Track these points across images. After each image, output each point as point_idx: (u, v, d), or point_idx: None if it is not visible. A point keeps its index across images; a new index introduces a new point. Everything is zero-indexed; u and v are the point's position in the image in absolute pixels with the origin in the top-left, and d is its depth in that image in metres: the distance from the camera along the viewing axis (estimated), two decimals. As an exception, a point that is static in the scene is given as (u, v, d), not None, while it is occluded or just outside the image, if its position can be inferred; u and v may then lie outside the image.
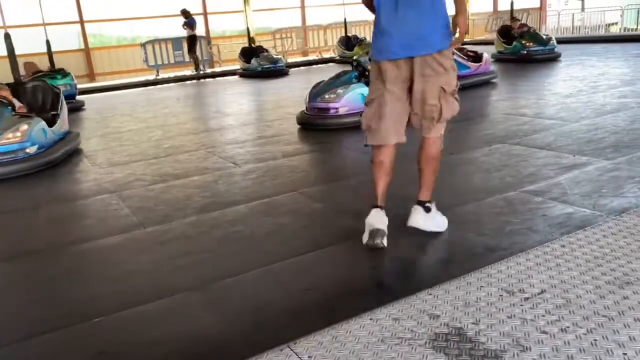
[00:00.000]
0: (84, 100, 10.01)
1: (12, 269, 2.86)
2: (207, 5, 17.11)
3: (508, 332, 1.64)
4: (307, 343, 1.68)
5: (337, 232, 2.92)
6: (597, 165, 3.64)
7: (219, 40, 16.90)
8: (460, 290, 1.92)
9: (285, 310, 2.17)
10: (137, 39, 16.15)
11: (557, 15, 18.07)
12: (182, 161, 4.90)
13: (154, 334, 2.09)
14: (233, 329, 2.07)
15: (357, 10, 18.15)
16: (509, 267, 2.06)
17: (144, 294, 2.39)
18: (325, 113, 5.78)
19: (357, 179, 3.98)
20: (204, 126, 6.87)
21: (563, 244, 2.23)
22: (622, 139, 4.26)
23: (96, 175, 4.64)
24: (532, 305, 1.78)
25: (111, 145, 5.97)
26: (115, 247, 3.00)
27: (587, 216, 2.81)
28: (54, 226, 3.47)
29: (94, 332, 2.13)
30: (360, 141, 5.29)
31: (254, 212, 3.38)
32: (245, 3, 15.48)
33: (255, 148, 5.27)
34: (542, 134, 4.71)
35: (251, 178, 4.16)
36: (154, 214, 3.50)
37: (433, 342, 1.63)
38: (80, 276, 2.69)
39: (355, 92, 5.74)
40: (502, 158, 4.06)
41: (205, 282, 2.47)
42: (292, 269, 2.54)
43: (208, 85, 12.48)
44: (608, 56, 10.34)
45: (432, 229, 2.73)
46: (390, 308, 1.84)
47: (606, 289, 1.84)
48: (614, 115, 5.17)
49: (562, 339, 1.59)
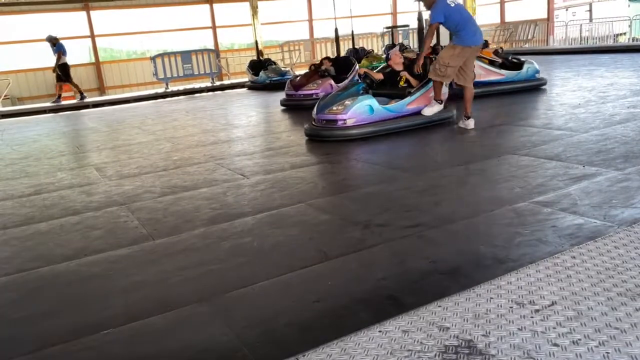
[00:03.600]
0: (95, 112, 10.08)
1: (23, 280, 2.88)
2: (215, 18, 17.31)
3: (519, 345, 1.63)
4: (315, 355, 1.68)
5: (345, 244, 2.91)
6: (607, 176, 3.62)
7: (227, 53, 17.07)
8: (469, 302, 1.90)
9: (294, 322, 2.16)
10: (146, 52, 16.36)
11: (565, 26, 18.06)
12: (191, 173, 4.93)
13: (163, 346, 2.09)
14: (241, 341, 2.06)
15: (364, 22, 18.33)
16: (519, 278, 2.04)
17: (152, 305, 2.40)
18: (332, 125, 5.79)
19: (364, 190, 3.98)
20: (213, 138, 6.92)
21: (574, 255, 2.21)
22: (632, 149, 4.23)
23: (106, 187, 4.68)
24: (543, 317, 1.76)
25: (121, 157, 6.02)
26: (125, 259, 3.01)
27: (598, 227, 2.78)
28: (65, 238, 3.49)
29: (103, 345, 2.14)
30: (367, 152, 5.34)
31: (262, 224, 3.39)
32: (253, 16, 15.65)
33: (264, 160, 5.29)
34: (551, 144, 4.69)
35: (259, 190, 4.17)
36: (163, 225, 3.52)
37: (443, 355, 1.62)
38: (89, 288, 2.70)
39: (362, 104, 5.74)
40: (511, 169, 4.04)
41: (213, 293, 2.47)
42: (300, 280, 2.53)
43: (217, 98, 12.58)
44: (617, 66, 10.30)
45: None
46: (399, 320, 1.83)
47: (618, 300, 1.82)
48: (623, 125, 5.14)
49: (574, 351, 1.57)
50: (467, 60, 5.61)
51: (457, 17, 5.50)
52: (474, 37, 5.53)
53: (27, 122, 10.76)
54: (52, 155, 6.56)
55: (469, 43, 5.50)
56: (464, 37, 5.49)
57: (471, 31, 5.52)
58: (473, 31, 5.53)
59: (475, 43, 5.55)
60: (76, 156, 6.34)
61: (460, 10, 5.57)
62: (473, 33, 5.53)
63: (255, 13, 15.77)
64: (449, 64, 5.55)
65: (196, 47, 16.19)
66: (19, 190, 4.87)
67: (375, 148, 5.43)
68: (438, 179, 4.10)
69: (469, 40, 5.50)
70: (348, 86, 6.32)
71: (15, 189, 4.91)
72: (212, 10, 17.22)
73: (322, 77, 9.13)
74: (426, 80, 6.04)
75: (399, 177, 4.20)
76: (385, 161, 4.98)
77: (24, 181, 5.23)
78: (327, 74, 9.25)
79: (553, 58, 13.61)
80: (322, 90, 8.63)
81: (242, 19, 16.93)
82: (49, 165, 5.89)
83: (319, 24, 18.98)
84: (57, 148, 7.06)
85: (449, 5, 5.48)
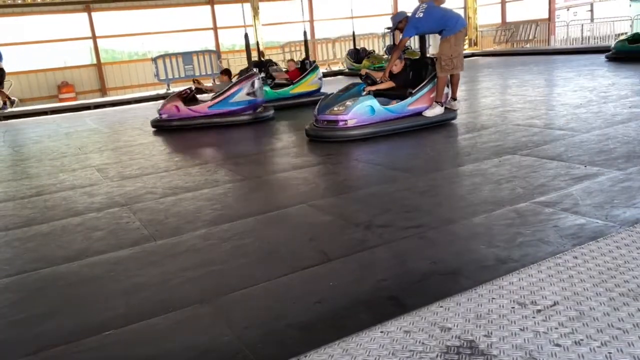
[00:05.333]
0: (97, 114, 10.09)
1: (24, 281, 2.88)
2: (217, 20, 17.33)
3: (520, 345, 1.62)
4: (317, 356, 1.67)
5: (346, 244, 2.91)
6: (608, 176, 3.61)
7: (228, 54, 17.08)
8: (471, 302, 1.90)
9: (295, 323, 2.16)
10: (147, 54, 16.37)
11: (566, 26, 18.04)
12: (192, 174, 4.93)
13: (164, 347, 2.09)
14: (242, 342, 2.06)
15: (365, 23, 18.33)
16: (521, 278, 2.04)
17: (154, 306, 2.40)
18: (334, 125, 5.78)
19: (365, 191, 3.98)
20: (214, 139, 6.92)
21: (575, 255, 2.20)
22: (633, 149, 4.23)
23: (108, 188, 4.68)
24: (545, 318, 1.76)
25: (122, 158, 6.03)
26: (126, 260, 3.02)
27: (600, 227, 2.78)
28: (66, 239, 3.49)
29: (104, 346, 2.14)
30: (368, 153, 5.34)
31: (263, 225, 3.39)
32: (254, 18, 15.65)
33: (265, 160, 5.29)
34: (552, 144, 4.69)
35: (261, 190, 4.17)
36: (164, 226, 3.52)
37: (444, 355, 1.61)
38: (91, 289, 2.71)
39: (364, 105, 5.73)
40: (512, 169, 4.04)
41: (215, 294, 2.47)
42: (301, 281, 2.53)
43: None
44: (618, 66, 10.28)
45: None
46: (401, 320, 1.83)
47: (620, 300, 1.81)
48: (625, 125, 5.13)
49: (576, 351, 1.57)
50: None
51: (431, 23, 5.94)
52: (458, 23, 5.94)
53: (28, 123, 10.78)
54: (53, 156, 6.56)
55: (457, 29, 5.90)
56: (451, 26, 5.88)
57: (453, 19, 5.93)
58: (455, 19, 5.95)
59: (461, 26, 5.97)
60: (78, 157, 6.34)
61: (432, 16, 5.91)
62: (455, 20, 5.94)
63: (257, 14, 15.78)
64: (452, 55, 5.86)
65: (197, 48, 16.21)
66: (21, 191, 4.88)
67: (376, 149, 5.42)
68: (439, 179, 4.09)
69: (455, 27, 5.89)
70: (349, 87, 6.30)
71: (16, 190, 4.92)
72: (213, 12, 17.24)
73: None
74: (427, 81, 6.04)
75: (400, 177, 4.20)
76: (386, 162, 4.98)
77: (26, 182, 5.24)
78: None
79: (554, 58, 13.59)
80: (163, 112, 7.79)
81: (243, 20, 16.94)
82: (51, 167, 5.90)
83: (320, 24, 18.99)
84: (58, 149, 7.07)
85: (418, 18, 5.91)
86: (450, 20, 5.91)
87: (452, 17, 5.97)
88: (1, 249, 3.41)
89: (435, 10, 5.97)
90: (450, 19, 5.93)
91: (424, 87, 6.03)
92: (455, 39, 5.88)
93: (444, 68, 5.89)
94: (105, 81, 15.88)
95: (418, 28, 6.01)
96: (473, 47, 18.33)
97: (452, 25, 5.87)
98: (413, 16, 5.97)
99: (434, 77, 6.03)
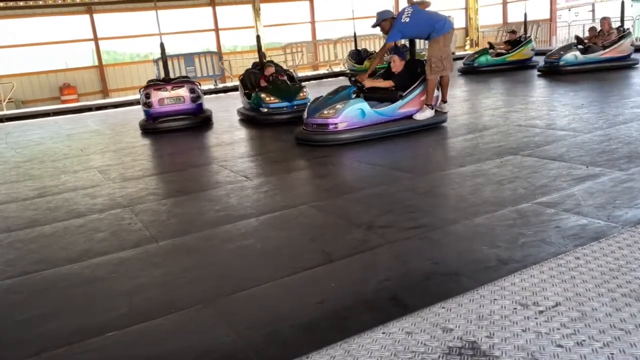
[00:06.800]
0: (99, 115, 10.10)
1: (27, 282, 2.88)
2: (218, 21, 17.34)
3: (523, 346, 1.62)
4: (319, 357, 1.68)
5: (348, 245, 2.91)
6: (610, 176, 3.61)
7: (230, 56, 17.09)
8: (473, 303, 1.90)
9: (297, 323, 2.16)
10: (149, 55, 16.39)
11: (568, 26, 18.01)
12: (194, 175, 4.94)
13: (166, 348, 2.09)
14: (245, 342, 2.06)
15: (367, 24, 18.32)
16: (523, 279, 2.04)
17: (156, 307, 2.40)
18: (324, 129, 5.68)
19: (367, 192, 3.98)
20: (216, 140, 6.92)
21: (577, 255, 2.20)
22: (635, 150, 4.22)
23: (110, 190, 4.69)
24: (547, 319, 1.75)
25: (124, 160, 6.03)
26: (128, 261, 3.02)
27: (602, 227, 2.77)
28: (69, 240, 3.50)
29: (107, 347, 2.14)
30: (368, 154, 5.33)
31: (265, 225, 3.39)
32: (256, 19, 15.67)
33: (266, 161, 5.29)
34: (554, 145, 4.68)
35: (262, 191, 4.17)
36: (166, 227, 3.53)
37: (447, 356, 1.61)
38: (93, 290, 2.71)
39: (354, 108, 5.65)
40: (514, 170, 4.04)
41: (217, 295, 2.47)
42: (303, 282, 2.54)
43: (220, 100, 12.59)
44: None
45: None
46: (403, 322, 1.83)
47: (622, 301, 1.81)
48: (627, 125, 5.13)
49: (578, 352, 1.57)
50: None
51: (417, 28, 5.95)
52: (445, 26, 5.97)
53: (30, 125, 10.80)
54: (55, 158, 6.58)
55: (445, 30, 5.94)
56: (439, 28, 5.91)
57: (440, 22, 5.96)
58: (442, 22, 5.98)
59: (448, 28, 5.99)
60: (80, 159, 6.35)
61: (418, 20, 5.91)
62: (442, 23, 5.97)
63: (258, 15, 15.79)
64: (441, 56, 5.89)
65: (199, 49, 16.21)
66: (23, 193, 4.89)
67: (375, 150, 5.42)
68: (440, 180, 4.09)
69: (443, 29, 5.93)
70: (339, 89, 6.18)
71: (19, 192, 4.93)
72: (214, 13, 17.25)
73: None
74: (417, 84, 6.00)
75: (401, 178, 4.20)
76: (386, 163, 4.98)
77: (28, 184, 5.25)
78: None
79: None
80: None
81: (244, 21, 16.96)
82: (53, 168, 5.91)
83: (322, 25, 18.99)
84: (60, 151, 7.09)
85: (404, 23, 5.89)
86: (438, 22, 5.93)
87: (439, 20, 6.00)
88: (4, 250, 3.42)
89: (421, 15, 5.97)
90: (438, 21, 5.95)
91: (414, 89, 5.99)
92: (444, 40, 5.92)
93: (434, 70, 5.89)
94: (107, 83, 15.89)
95: (404, 33, 6.03)
96: (474, 47, 18.30)
97: (440, 27, 5.90)
98: (399, 20, 5.93)
99: (424, 80, 6.01)
